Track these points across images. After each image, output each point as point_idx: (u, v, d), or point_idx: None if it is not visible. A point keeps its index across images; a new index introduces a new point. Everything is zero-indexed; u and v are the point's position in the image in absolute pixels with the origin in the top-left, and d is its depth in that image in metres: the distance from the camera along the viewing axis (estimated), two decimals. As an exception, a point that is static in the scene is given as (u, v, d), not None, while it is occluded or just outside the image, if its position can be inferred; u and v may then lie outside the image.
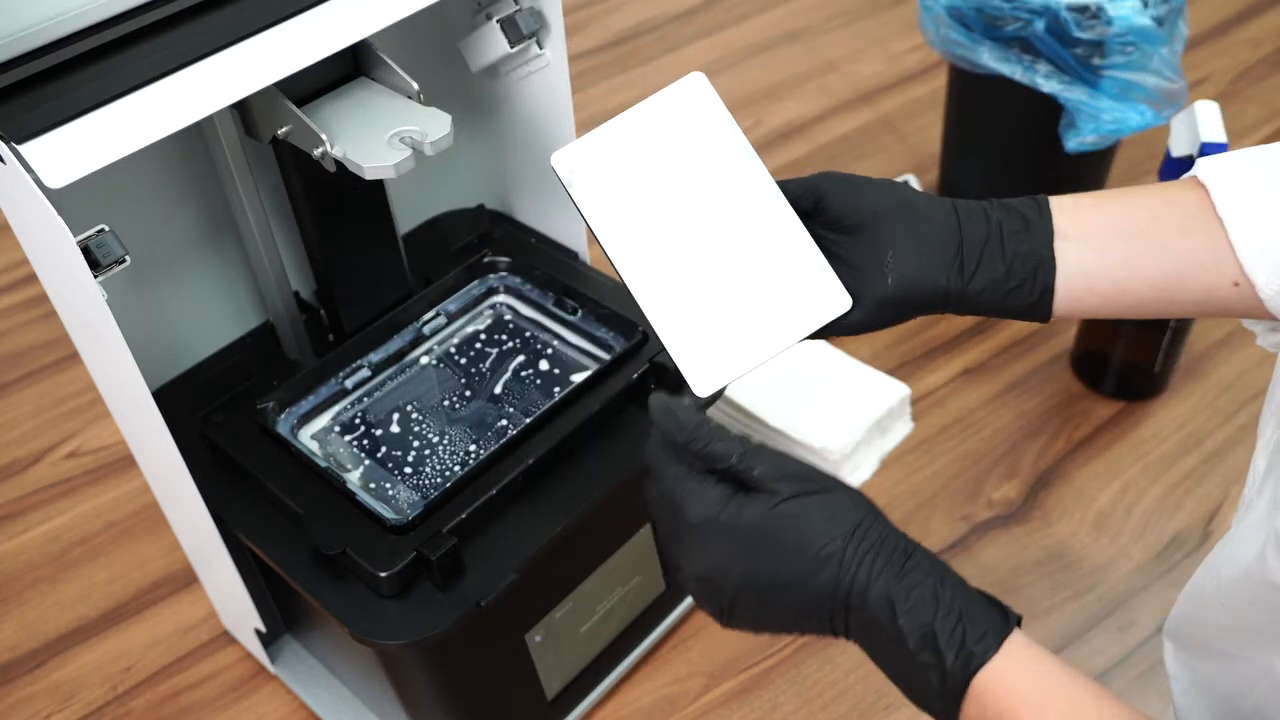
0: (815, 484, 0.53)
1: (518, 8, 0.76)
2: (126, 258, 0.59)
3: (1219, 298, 0.56)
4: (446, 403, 0.81)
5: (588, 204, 0.59)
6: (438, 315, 0.85)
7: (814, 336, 0.59)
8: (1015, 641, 0.49)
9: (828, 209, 0.59)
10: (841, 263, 0.59)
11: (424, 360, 0.84)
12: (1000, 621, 0.49)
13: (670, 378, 0.76)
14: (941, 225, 0.57)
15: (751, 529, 0.51)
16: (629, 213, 0.60)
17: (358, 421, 0.79)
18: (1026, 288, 0.57)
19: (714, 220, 0.60)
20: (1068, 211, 0.57)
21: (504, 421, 0.79)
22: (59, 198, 0.55)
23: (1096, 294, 0.57)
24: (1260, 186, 0.54)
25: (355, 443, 0.78)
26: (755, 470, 0.52)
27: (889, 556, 0.50)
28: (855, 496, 0.53)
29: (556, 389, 0.81)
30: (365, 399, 0.81)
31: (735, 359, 0.59)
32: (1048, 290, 0.57)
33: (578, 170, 0.60)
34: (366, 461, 0.77)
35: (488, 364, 0.83)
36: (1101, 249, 0.56)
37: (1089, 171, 1.15)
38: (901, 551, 0.51)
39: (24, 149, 0.55)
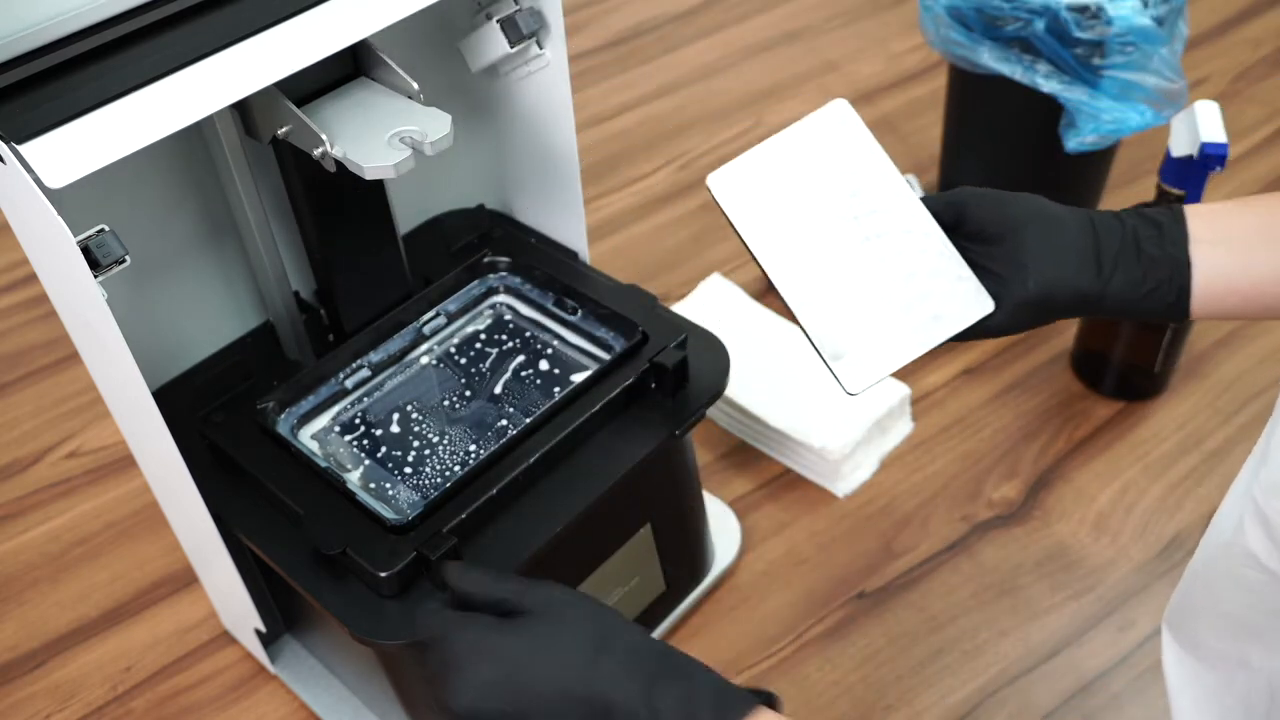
0: (567, 603, 0.56)
1: (518, 8, 0.76)
2: (126, 258, 0.59)
3: None
4: (446, 403, 0.81)
5: (742, 221, 0.64)
6: (438, 315, 0.85)
7: (957, 339, 0.63)
8: (768, 713, 0.52)
9: (968, 221, 0.63)
10: (983, 270, 0.63)
11: (424, 360, 0.84)
12: (753, 699, 0.52)
13: (669, 378, 0.76)
14: (1078, 232, 0.60)
15: (510, 648, 0.54)
16: (781, 228, 0.65)
17: (358, 421, 0.79)
18: (1163, 290, 0.59)
19: (862, 233, 0.65)
20: (1204, 217, 0.60)
21: (504, 421, 0.79)
22: (59, 198, 0.55)
23: (1236, 294, 0.60)
24: None
25: (355, 443, 0.78)
26: (511, 595, 0.57)
27: (640, 661, 0.53)
28: (602, 610, 0.56)
29: (556, 389, 0.81)
30: (365, 399, 0.81)
31: (883, 359, 0.63)
32: (1184, 291, 0.59)
33: (732, 190, 0.65)
34: (366, 461, 0.77)
35: (488, 364, 0.83)
36: (1241, 252, 0.59)
37: (1089, 171, 1.16)
38: (656, 655, 0.54)
39: (24, 149, 0.55)
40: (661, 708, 0.51)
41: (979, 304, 0.63)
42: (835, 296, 0.64)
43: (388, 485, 0.75)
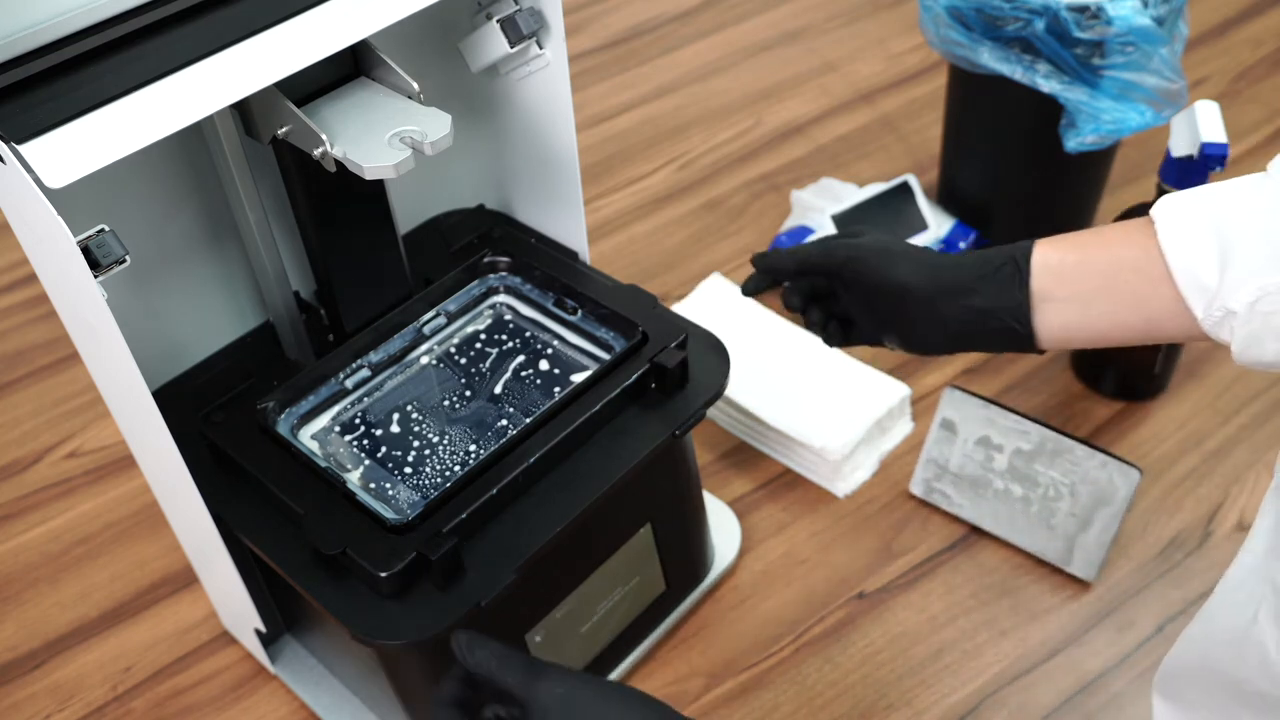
0: (569, 707, 0.56)
1: (518, 8, 0.76)
2: (126, 258, 0.59)
3: (1194, 334, 0.62)
4: (446, 403, 0.81)
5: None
6: (438, 315, 0.85)
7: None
8: None
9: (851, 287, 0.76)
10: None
11: (424, 360, 0.84)
12: None
13: (669, 378, 0.76)
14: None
15: None
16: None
17: (358, 421, 0.79)
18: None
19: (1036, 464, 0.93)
20: (1053, 271, 0.66)
21: (504, 421, 0.79)
22: (59, 198, 0.55)
23: (1077, 341, 0.67)
24: (1203, 228, 0.60)
25: (355, 443, 0.78)
26: (516, 688, 0.58)
27: None
28: (607, 706, 0.57)
29: (556, 389, 0.81)
30: (365, 399, 0.81)
31: (1101, 547, 0.92)
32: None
33: None
34: (366, 461, 0.77)
35: (488, 364, 0.83)
36: (1085, 306, 0.65)
37: (1089, 171, 1.15)
38: None
39: (24, 149, 0.55)
40: None
41: (1129, 476, 0.89)
42: (1051, 523, 0.93)
43: (388, 485, 0.75)
